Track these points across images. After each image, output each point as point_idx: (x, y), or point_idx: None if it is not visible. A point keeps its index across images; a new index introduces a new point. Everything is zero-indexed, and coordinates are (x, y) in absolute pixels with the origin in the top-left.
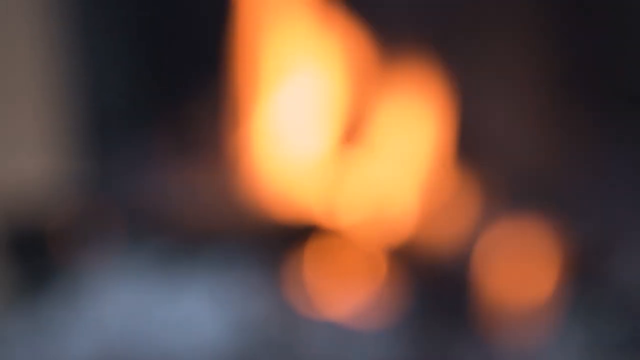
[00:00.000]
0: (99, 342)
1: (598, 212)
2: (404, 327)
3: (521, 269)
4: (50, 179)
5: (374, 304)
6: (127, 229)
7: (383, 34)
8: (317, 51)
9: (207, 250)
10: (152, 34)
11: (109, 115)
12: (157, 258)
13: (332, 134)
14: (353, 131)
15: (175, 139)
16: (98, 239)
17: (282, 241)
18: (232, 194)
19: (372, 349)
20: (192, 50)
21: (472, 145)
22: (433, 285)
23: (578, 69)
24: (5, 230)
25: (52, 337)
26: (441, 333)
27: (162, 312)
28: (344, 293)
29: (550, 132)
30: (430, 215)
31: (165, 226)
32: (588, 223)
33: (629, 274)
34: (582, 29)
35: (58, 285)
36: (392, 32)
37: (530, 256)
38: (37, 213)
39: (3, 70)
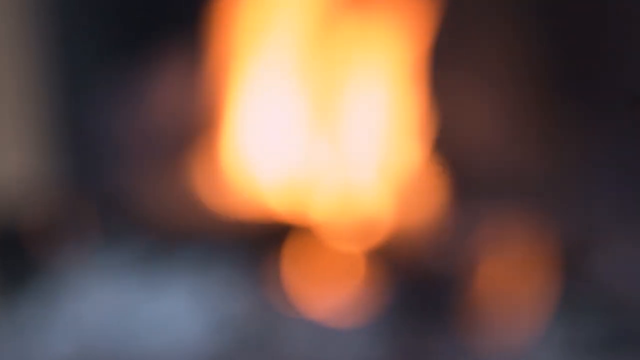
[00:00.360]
0: (78, 341)
1: (580, 209)
2: (383, 325)
3: (502, 266)
4: (27, 177)
5: (353, 302)
6: (105, 228)
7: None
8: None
9: (186, 249)
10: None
11: (86, 112)
12: (136, 257)
13: (309, 131)
14: (329, 127)
15: (154, 138)
16: (76, 237)
17: (261, 240)
18: (211, 193)
19: (351, 347)
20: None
21: (452, 142)
22: (412, 282)
23: (563, 66)
24: None
25: (30, 336)
26: (421, 331)
27: (141, 311)
28: (323, 291)
29: (532, 129)
30: (408, 212)
31: (144, 225)
32: (570, 220)
33: (610, 270)
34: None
35: (36, 284)
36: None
37: (512, 253)
38: (14, 212)
39: None
